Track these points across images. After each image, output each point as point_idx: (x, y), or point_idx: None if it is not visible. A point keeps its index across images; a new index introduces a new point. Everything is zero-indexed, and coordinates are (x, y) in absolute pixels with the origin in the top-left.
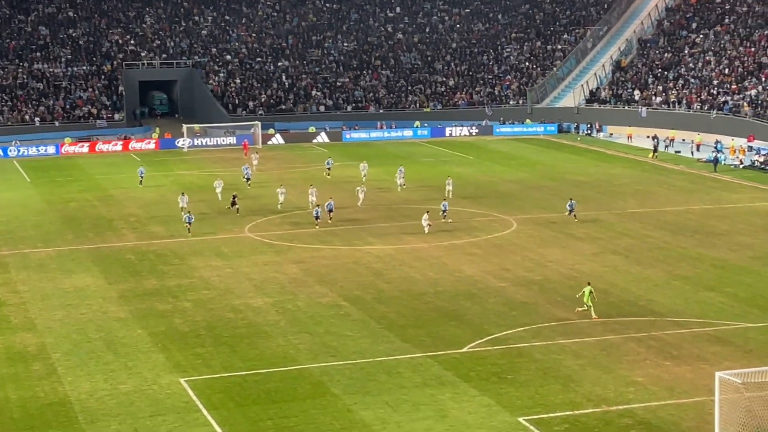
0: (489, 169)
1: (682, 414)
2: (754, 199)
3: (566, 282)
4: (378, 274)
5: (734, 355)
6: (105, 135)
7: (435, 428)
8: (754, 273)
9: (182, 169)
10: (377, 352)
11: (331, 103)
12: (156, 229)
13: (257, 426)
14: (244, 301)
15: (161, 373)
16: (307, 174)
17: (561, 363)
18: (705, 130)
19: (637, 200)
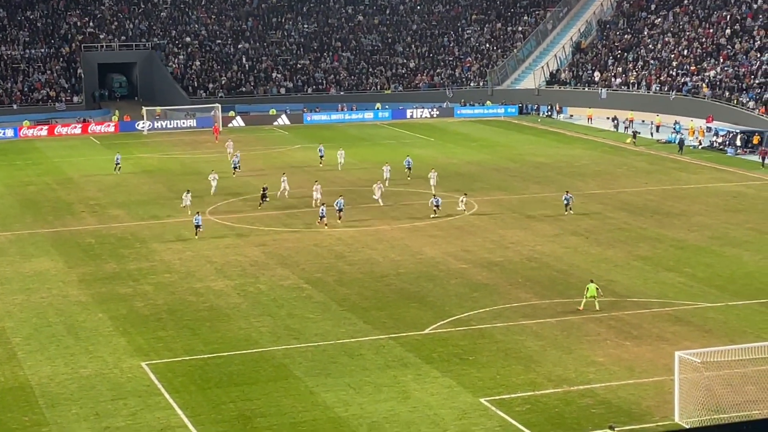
0: (450, 151)
1: (642, 393)
2: (713, 180)
3: (527, 263)
4: (340, 257)
5: (693, 335)
6: (64, 118)
7: (397, 410)
8: (713, 253)
9: (142, 152)
10: (339, 335)
11: (292, 86)
12: (116, 212)
13: (219, 409)
14: (205, 284)
15: (122, 356)
16: (268, 156)
17: (522, 344)
18: (664, 111)
19: (597, 181)
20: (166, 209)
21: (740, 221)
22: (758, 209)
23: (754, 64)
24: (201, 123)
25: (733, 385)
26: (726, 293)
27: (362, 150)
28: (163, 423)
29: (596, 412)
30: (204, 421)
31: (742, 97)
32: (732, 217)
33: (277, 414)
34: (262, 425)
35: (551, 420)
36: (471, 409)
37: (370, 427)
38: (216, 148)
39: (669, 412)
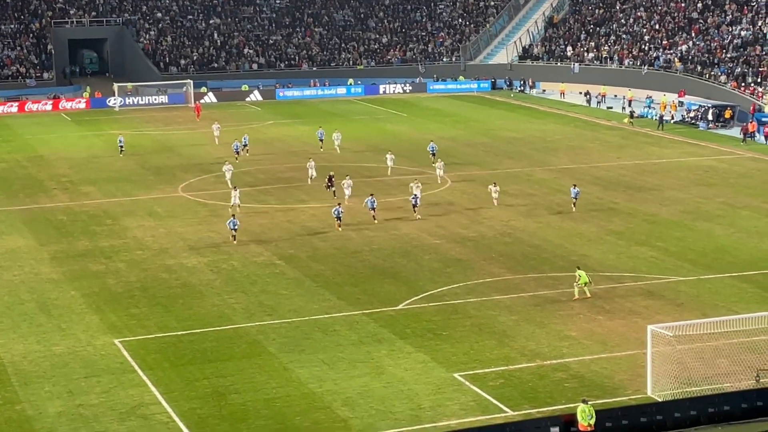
0: (423, 127)
1: (614, 367)
2: (684, 154)
3: (501, 238)
4: (313, 233)
5: (665, 309)
6: (34, 94)
7: (371, 385)
8: (685, 227)
9: (114, 129)
10: (313, 311)
11: (264, 61)
12: (88, 189)
13: (193, 386)
14: (178, 261)
15: (95, 334)
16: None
17: (495, 319)
18: (636, 85)
19: (569, 156)
20: (138, 186)
21: (712, 195)
22: (730, 183)
23: (726, 38)
24: (173, 99)
25: (704, 359)
26: (698, 267)
27: (335, 126)
28: (136, 400)
29: (569, 387)
30: (177, 398)
31: (714, 71)
32: (704, 192)
33: (251, 390)
34: (236, 401)
35: (525, 394)
36: (445, 384)
37: (344, 402)
38: (196, 126)
39: (642, 386)
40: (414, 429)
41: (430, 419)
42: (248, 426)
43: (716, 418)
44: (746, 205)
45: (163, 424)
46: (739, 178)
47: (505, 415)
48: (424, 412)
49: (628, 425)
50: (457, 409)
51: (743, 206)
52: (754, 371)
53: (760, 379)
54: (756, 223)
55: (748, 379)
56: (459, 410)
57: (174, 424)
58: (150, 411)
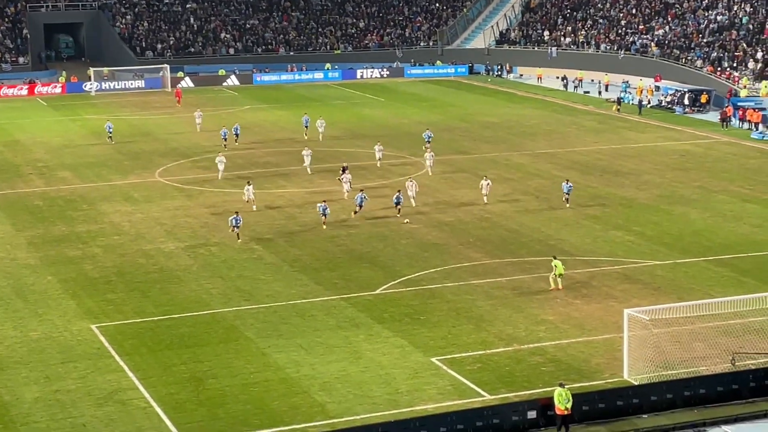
0: (400, 111)
1: (591, 351)
2: (661, 139)
3: (478, 223)
4: (290, 218)
5: (642, 293)
6: (10, 79)
7: (349, 370)
8: (661, 211)
9: (90, 114)
10: (290, 296)
11: (241, 46)
12: (64, 174)
13: (170, 371)
14: (155, 246)
15: (72, 319)
16: (218, 117)
17: (473, 303)
18: (613, 70)
19: (547, 141)
20: (114, 171)
21: (688, 180)
22: (706, 168)
23: (702, 22)
24: (149, 84)
25: (681, 342)
26: (674, 251)
27: (312, 111)
28: (113, 385)
29: (546, 370)
30: (155, 383)
31: (691, 55)
32: (680, 176)
33: (228, 375)
34: (214, 387)
35: (502, 378)
36: (422, 369)
37: (321, 387)
38: (173, 110)
39: (618, 370)
40: (391, 413)
41: (408, 403)
42: (226, 411)
43: (692, 401)
44: (722, 189)
45: (140, 410)
46: (715, 162)
47: (482, 399)
48: (401, 397)
49: (605, 408)
50: (434, 393)
51: (719, 190)
52: (729, 354)
53: (735, 362)
54: (732, 207)
55: (724, 362)
56: (436, 394)
57: (151, 410)
58: (127, 396)
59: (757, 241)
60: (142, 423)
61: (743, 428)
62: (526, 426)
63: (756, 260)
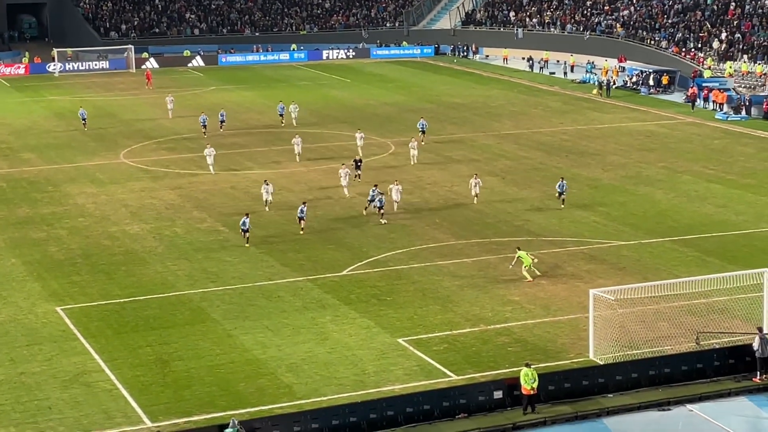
0: (366, 92)
1: (557, 331)
2: (626, 119)
3: (444, 203)
4: (256, 199)
5: (608, 273)
6: None
7: (316, 351)
8: (626, 192)
9: (54, 95)
10: (257, 277)
11: (206, 27)
12: (28, 156)
13: (136, 353)
14: (120, 228)
15: (37, 302)
16: (183, 98)
17: (439, 284)
18: (579, 51)
19: (512, 122)
20: (79, 152)
21: (653, 160)
22: (670, 148)
23: (667, 3)
24: (114, 65)
25: (646, 322)
26: (639, 231)
27: (278, 92)
28: (79, 368)
29: (513, 351)
30: (121, 365)
31: (656, 36)
32: (645, 156)
33: (194, 357)
34: (180, 368)
35: (468, 359)
36: (389, 350)
37: (288, 368)
38: (138, 91)
39: (584, 349)
40: (358, 394)
41: (375, 384)
42: (192, 393)
43: (657, 380)
44: (687, 169)
45: (106, 392)
46: (680, 142)
47: (448, 380)
48: (368, 377)
49: (570, 388)
50: (401, 374)
51: (684, 171)
52: (694, 334)
53: (700, 341)
54: (696, 187)
55: (689, 341)
56: (403, 375)
57: (117, 392)
58: (93, 379)
59: (721, 221)
60: (108, 405)
61: (707, 407)
62: (493, 406)
63: (720, 240)
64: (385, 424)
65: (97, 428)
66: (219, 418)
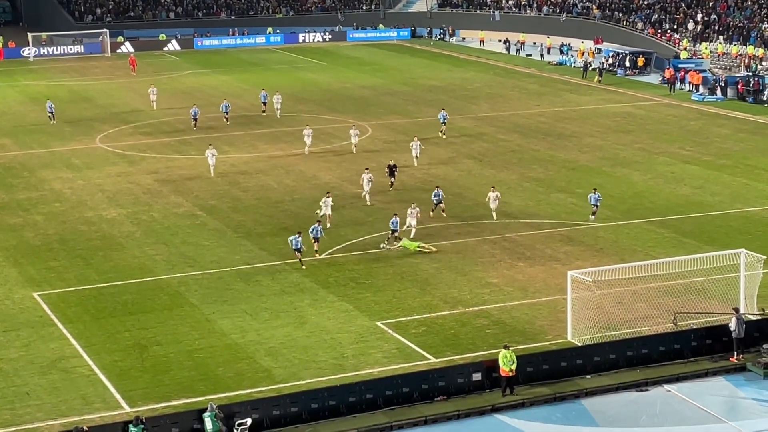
0: (343, 75)
1: (535, 313)
2: (603, 101)
3: (422, 186)
4: (234, 183)
5: (585, 254)
6: None
7: (294, 334)
8: (604, 174)
9: (29, 80)
10: (234, 261)
11: (181, 10)
12: (3, 141)
13: (114, 338)
14: (97, 213)
15: (14, 287)
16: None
17: (418, 267)
18: (556, 33)
19: (489, 104)
20: (54, 138)
21: (630, 142)
22: (647, 130)
23: None
24: (89, 49)
25: (623, 303)
26: (616, 213)
27: (255, 76)
28: (57, 353)
29: (491, 333)
30: (99, 350)
31: (632, 18)
32: (622, 138)
33: (173, 342)
34: (158, 353)
35: (447, 341)
36: (368, 333)
37: (267, 352)
38: (114, 75)
39: (562, 331)
40: (337, 378)
41: (354, 367)
42: (171, 377)
43: (635, 361)
44: (663, 151)
45: (84, 377)
46: (657, 124)
47: (427, 362)
48: (347, 361)
49: (549, 370)
50: (380, 357)
51: (660, 152)
52: (671, 314)
53: (677, 322)
54: (673, 168)
55: (666, 322)
56: (382, 358)
57: (95, 377)
58: (71, 364)
59: (698, 202)
60: (87, 390)
61: (685, 387)
62: (471, 388)
63: (696, 221)
64: (365, 407)
65: (76, 414)
66: (198, 403)
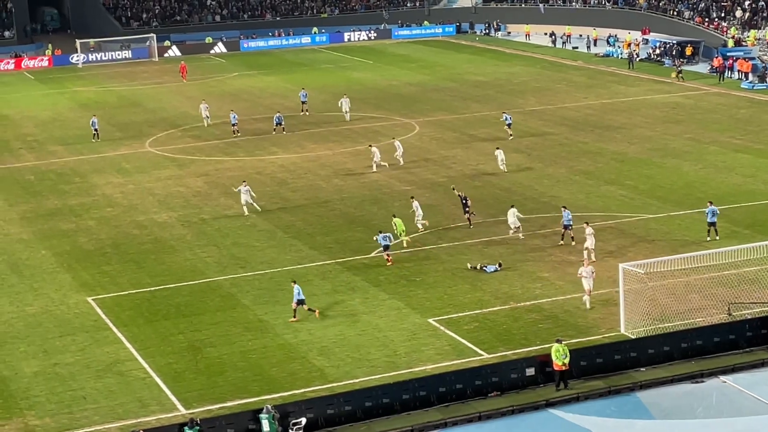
0: (389, 73)
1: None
2: (651, 92)
3: (471, 182)
4: (283, 184)
5: (636, 246)
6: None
7: (346, 333)
8: (653, 165)
9: (78, 86)
10: (285, 261)
11: (227, 13)
12: (55, 148)
13: (168, 340)
14: (148, 216)
15: (68, 293)
16: (206, 85)
17: (469, 262)
18: (601, 24)
19: (536, 98)
20: (105, 143)
21: (679, 132)
22: (696, 119)
23: None
24: (136, 54)
25: (676, 295)
26: (667, 204)
27: (301, 76)
28: (112, 357)
29: (543, 327)
30: (153, 353)
31: (679, 7)
32: (671, 128)
33: (226, 343)
34: (212, 355)
35: (499, 337)
36: (420, 330)
37: (320, 351)
38: (162, 80)
39: (615, 324)
40: (390, 375)
41: (406, 365)
42: (225, 379)
43: (690, 352)
44: (713, 140)
45: (139, 380)
46: (706, 113)
47: (480, 358)
48: (399, 358)
49: (602, 363)
50: (432, 354)
51: (710, 141)
52: (725, 305)
53: (731, 312)
54: (723, 158)
55: (720, 313)
56: (434, 355)
57: (151, 380)
58: (126, 367)
59: (749, 190)
60: (142, 393)
61: (741, 378)
62: (525, 383)
63: (748, 210)
64: (418, 404)
65: (132, 416)
66: (252, 404)
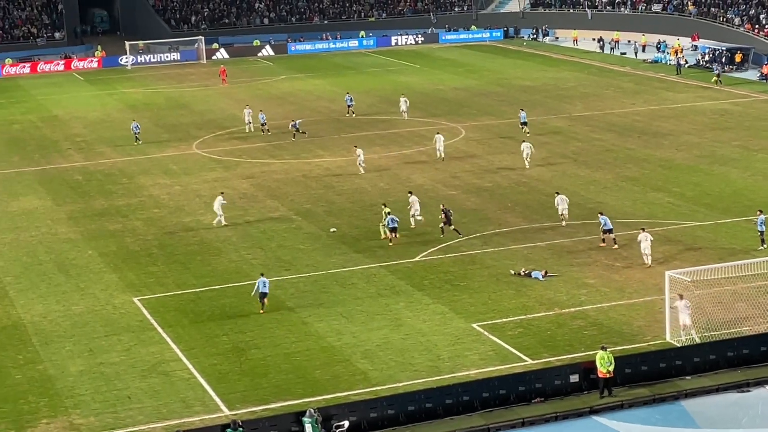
0: (436, 77)
1: (633, 314)
2: (699, 98)
3: (516, 188)
4: (329, 187)
5: (683, 254)
6: (46, 55)
7: (390, 337)
8: (701, 172)
9: (127, 87)
10: (330, 264)
11: (275, 15)
12: (103, 149)
13: (212, 342)
14: (194, 218)
15: (114, 293)
16: (253, 88)
17: (513, 268)
18: (650, 30)
19: (584, 103)
20: (152, 144)
21: (727, 139)
22: (745, 126)
23: None
24: (185, 56)
25: (723, 303)
26: (714, 211)
27: (348, 79)
28: (157, 357)
29: (588, 334)
30: (198, 354)
31: (728, 13)
32: (719, 135)
33: (270, 345)
34: (256, 357)
35: (543, 343)
36: (464, 335)
37: (363, 355)
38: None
39: (660, 332)
40: (434, 380)
41: (450, 370)
42: (268, 381)
43: (736, 361)
44: (762, 147)
45: (184, 381)
46: (755, 120)
47: (524, 364)
48: (443, 363)
49: (648, 371)
50: (476, 359)
51: (759, 149)
52: None
53: None
54: None
55: (767, 322)
56: (478, 360)
57: (195, 381)
58: (171, 368)
59: None
60: (186, 394)
61: None
62: (569, 390)
63: None
64: (461, 409)
65: (176, 417)
66: (295, 406)
